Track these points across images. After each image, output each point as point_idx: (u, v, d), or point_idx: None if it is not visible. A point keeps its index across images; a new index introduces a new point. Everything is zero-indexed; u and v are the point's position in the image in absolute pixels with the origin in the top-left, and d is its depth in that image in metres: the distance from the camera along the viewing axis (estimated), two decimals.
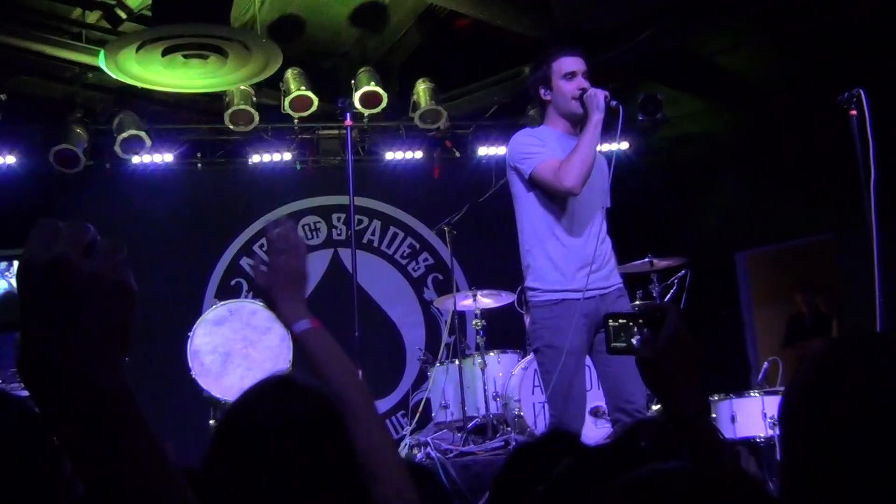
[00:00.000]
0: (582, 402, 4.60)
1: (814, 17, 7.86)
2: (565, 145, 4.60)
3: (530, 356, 7.43)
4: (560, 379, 4.42)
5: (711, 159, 9.53)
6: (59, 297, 1.07)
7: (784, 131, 8.85)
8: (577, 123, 4.65)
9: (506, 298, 8.07)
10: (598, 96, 4.51)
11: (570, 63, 4.66)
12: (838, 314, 9.07)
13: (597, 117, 4.50)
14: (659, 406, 6.98)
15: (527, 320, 8.29)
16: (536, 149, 4.61)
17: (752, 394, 7.35)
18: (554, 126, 4.75)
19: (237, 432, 1.80)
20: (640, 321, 2.04)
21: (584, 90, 4.59)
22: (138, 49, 7.92)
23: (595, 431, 6.93)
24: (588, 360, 7.14)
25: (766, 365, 8.39)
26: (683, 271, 7.52)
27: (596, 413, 6.99)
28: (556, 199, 4.59)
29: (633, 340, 2.05)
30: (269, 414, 1.79)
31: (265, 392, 1.85)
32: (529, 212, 4.69)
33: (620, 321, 2.08)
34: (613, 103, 4.53)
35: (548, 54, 4.75)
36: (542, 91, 4.74)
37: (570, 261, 4.57)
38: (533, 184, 4.61)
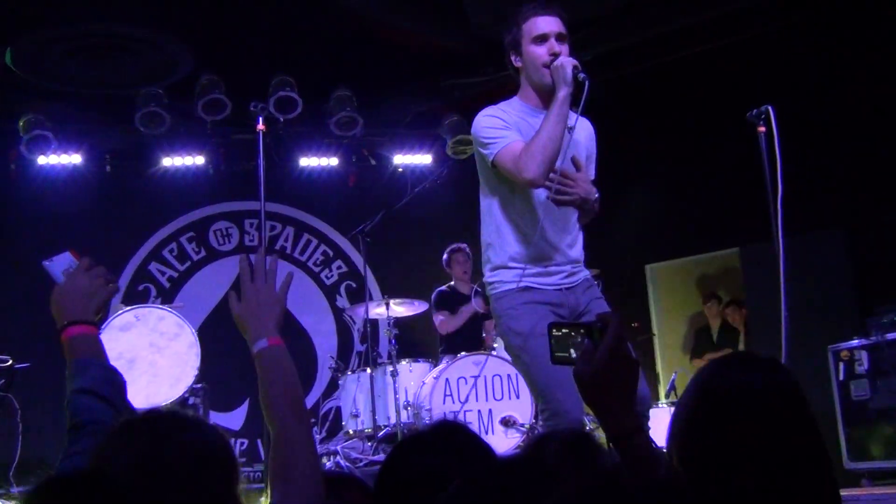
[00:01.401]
0: (573, 388, 3.48)
1: (724, 33, 8.04)
2: (535, 123, 3.98)
3: (443, 365, 7.42)
4: (541, 365, 3.75)
5: (622, 172, 9.66)
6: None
7: (693, 146, 9.01)
8: (550, 96, 3.95)
9: (419, 307, 8.06)
10: (566, 67, 3.88)
11: (543, 24, 4.02)
12: (745, 327, 9.24)
13: (562, 93, 3.86)
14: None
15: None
16: (500, 132, 3.98)
17: (660, 404, 7.46)
18: (524, 99, 4.14)
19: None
20: (582, 331, 1.98)
21: (554, 56, 3.96)
22: (46, 46, 7.73)
23: (505, 441, 6.95)
24: (507, 368, 7.12)
25: (673, 376, 8.53)
26: (596, 283, 7.57)
27: (506, 423, 7.01)
28: (521, 188, 4.00)
29: (573, 352, 1.98)
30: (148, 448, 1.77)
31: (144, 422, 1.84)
32: (494, 200, 4.12)
33: (563, 331, 2.01)
34: (581, 76, 3.87)
35: (518, 14, 4.11)
36: (512, 57, 4.12)
37: (533, 258, 4.03)
38: (497, 170, 4.02)
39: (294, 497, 2.02)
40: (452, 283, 8.29)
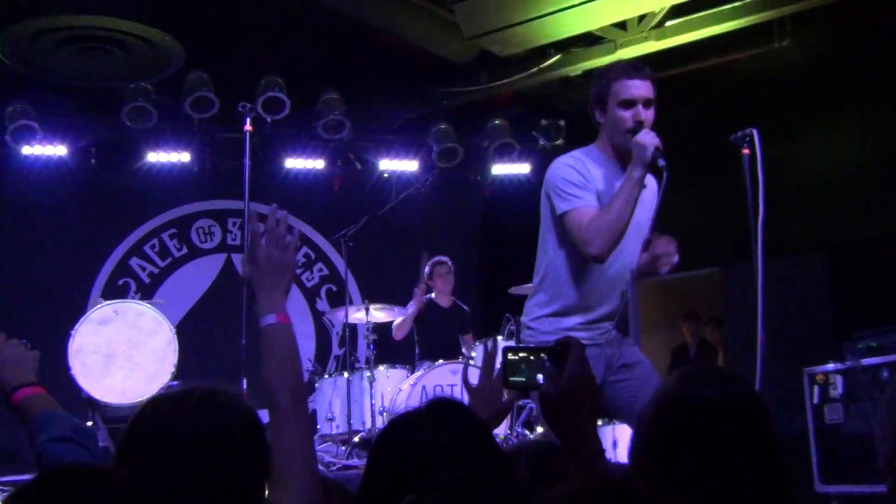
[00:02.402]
0: None
1: (712, 54, 8.09)
2: (612, 182, 3.94)
3: (420, 372, 7.42)
4: None
5: None
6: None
7: (676, 164, 9.04)
8: (628, 157, 3.89)
9: (398, 313, 8.05)
10: (648, 148, 3.78)
11: (631, 88, 3.89)
12: (723, 345, 9.28)
13: (637, 174, 3.80)
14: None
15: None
16: (577, 190, 3.88)
17: None
18: (602, 150, 4.05)
19: (144, 433, 1.76)
20: (542, 355, 1.96)
21: (639, 124, 3.87)
22: (36, 37, 7.71)
23: None
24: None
25: None
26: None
27: None
28: None
29: (537, 376, 1.96)
30: (179, 418, 1.76)
31: (180, 396, 1.82)
32: (552, 248, 4.06)
33: (520, 354, 1.98)
34: (661, 162, 3.80)
35: (608, 72, 4.00)
36: (596, 112, 4.01)
37: (581, 309, 4.07)
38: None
39: (291, 489, 1.99)
40: (433, 295, 8.30)
